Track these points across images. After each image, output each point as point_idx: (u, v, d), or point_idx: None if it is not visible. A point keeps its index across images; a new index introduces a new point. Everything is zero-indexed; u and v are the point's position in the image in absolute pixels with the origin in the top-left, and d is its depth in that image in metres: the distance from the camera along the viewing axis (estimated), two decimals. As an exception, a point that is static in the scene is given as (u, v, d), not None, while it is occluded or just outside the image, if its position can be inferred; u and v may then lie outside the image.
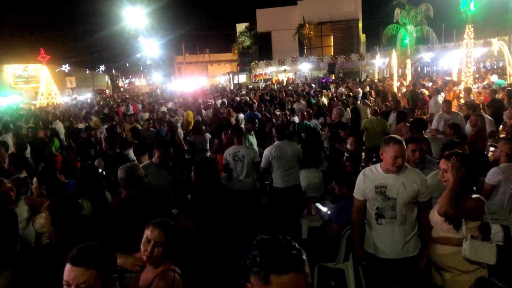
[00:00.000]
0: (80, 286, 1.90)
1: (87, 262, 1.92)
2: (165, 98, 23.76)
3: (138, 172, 3.80)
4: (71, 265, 1.92)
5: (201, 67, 62.37)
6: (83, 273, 1.90)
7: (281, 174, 5.92)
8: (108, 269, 1.98)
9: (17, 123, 12.96)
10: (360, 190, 3.57)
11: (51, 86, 34.90)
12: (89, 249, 1.98)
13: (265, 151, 5.96)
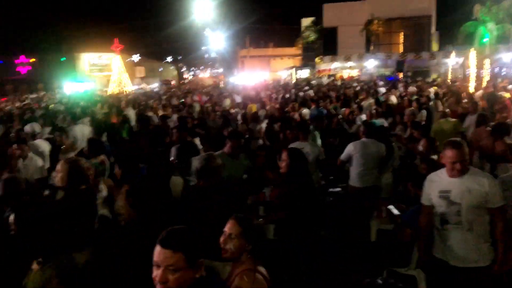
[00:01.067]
0: (168, 268, 1.92)
1: (175, 245, 1.93)
2: (228, 91, 24.13)
3: (215, 163, 3.84)
4: (160, 247, 1.95)
5: (264, 61, 62.57)
6: (171, 256, 1.92)
7: (360, 172, 5.76)
8: (195, 253, 1.98)
9: (92, 108, 13.77)
10: (426, 195, 3.49)
11: (122, 75, 36.86)
12: (177, 232, 1.99)
13: (349, 145, 5.81)
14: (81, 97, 23.27)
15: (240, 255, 2.55)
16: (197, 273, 1.97)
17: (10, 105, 21.67)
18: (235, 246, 2.54)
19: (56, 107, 15.15)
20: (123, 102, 16.73)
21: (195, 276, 1.97)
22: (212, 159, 3.86)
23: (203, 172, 3.74)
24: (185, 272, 1.93)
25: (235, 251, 2.55)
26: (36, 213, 2.54)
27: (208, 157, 3.85)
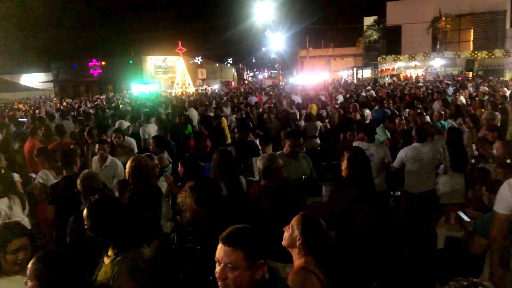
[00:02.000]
0: (227, 265, 1.94)
1: (235, 243, 1.94)
2: (287, 92, 24.08)
3: (276, 164, 3.84)
4: (221, 244, 1.98)
5: (324, 61, 61.89)
6: (231, 253, 1.93)
7: (415, 178, 5.55)
8: (254, 252, 1.97)
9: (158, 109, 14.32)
10: (504, 203, 3.11)
11: (186, 77, 38.06)
12: (239, 231, 2.00)
13: (400, 152, 5.63)
14: (147, 98, 24.31)
15: (292, 245, 2.56)
16: (257, 274, 1.95)
17: (83, 105, 23.18)
18: (290, 235, 2.59)
19: (125, 108, 15.96)
20: (186, 102, 17.27)
21: (255, 277, 1.96)
22: (275, 160, 3.86)
23: (266, 172, 3.74)
24: (244, 271, 1.93)
25: (288, 239, 2.59)
26: (108, 207, 2.66)
27: (271, 158, 3.84)
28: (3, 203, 3.98)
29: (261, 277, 1.98)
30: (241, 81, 78.95)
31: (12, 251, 2.51)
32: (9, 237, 2.53)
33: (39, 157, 5.46)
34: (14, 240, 2.52)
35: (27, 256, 2.55)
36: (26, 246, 2.57)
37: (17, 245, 2.52)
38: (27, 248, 2.57)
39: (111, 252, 2.57)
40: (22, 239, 2.56)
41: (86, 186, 3.55)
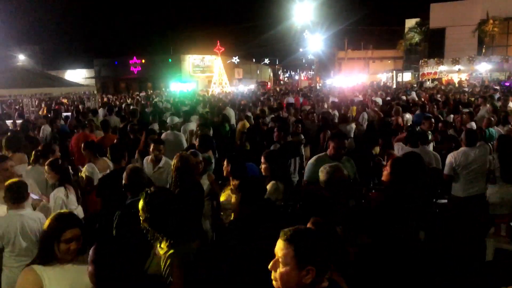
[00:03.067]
0: (278, 258, 1.95)
1: (290, 239, 1.93)
2: (325, 93, 23.83)
3: (341, 174, 3.75)
4: (280, 237, 1.97)
5: (362, 63, 60.81)
6: (284, 248, 1.93)
7: (463, 182, 5.38)
8: (306, 256, 1.92)
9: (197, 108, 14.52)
10: None
11: (223, 76, 38.43)
12: (299, 230, 1.98)
13: (449, 157, 5.42)
14: (185, 96, 24.68)
15: None
16: (305, 279, 1.91)
17: (124, 102, 23.84)
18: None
19: (165, 105, 16.27)
20: (223, 102, 17.42)
21: (303, 281, 1.91)
22: (338, 171, 3.75)
23: (329, 184, 3.66)
24: (292, 270, 1.91)
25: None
26: (164, 200, 2.70)
27: (334, 169, 3.73)
28: (60, 192, 4.13)
29: (310, 283, 1.92)
30: (277, 81, 78.89)
31: (65, 241, 2.58)
32: (63, 227, 2.60)
33: (86, 150, 5.63)
34: (67, 230, 2.59)
35: (78, 246, 2.62)
36: (78, 236, 2.64)
37: (70, 235, 2.59)
38: (79, 239, 2.64)
39: (164, 244, 2.61)
40: (75, 230, 2.63)
41: (132, 180, 3.61)
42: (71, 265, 2.61)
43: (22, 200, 3.67)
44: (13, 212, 3.61)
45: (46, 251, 2.59)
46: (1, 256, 3.55)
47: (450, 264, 4.97)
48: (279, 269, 1.94)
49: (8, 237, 3.50)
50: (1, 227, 3.50)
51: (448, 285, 4.53)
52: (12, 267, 3.52)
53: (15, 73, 18.40)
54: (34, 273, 2.51)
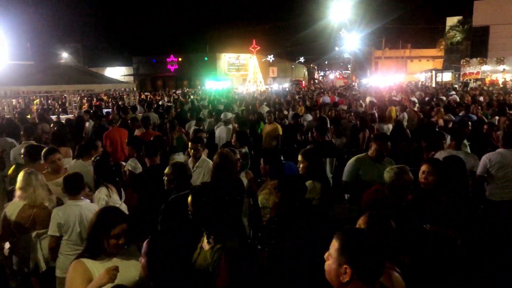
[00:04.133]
0: (328, 253, 1.97)
1: (339, 232, 1.96)
2: (361, 93, 23.45)
3: (407, 177, 3.71)
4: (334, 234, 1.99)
5: (400, 62, 59.37)
6: (333, 240, 1.96)
7: (499, 185, 5.16)
8: (350, 253, 1.90)
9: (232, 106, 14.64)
10: None
11: (257, 75, 38.49)
12: (351, 228, 1.99)
13: (484, 157, 5.23)
14: (220, 94, 24.92)
15: None
16: (342, 277, 1.89)
17: (161, 99, 24.37)
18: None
19: (202, 103, 16.51)
20: (258, 100, 17.46)
21: (340, 278, 1.90)
22: (406, 173, 3.66)
23: (394, 186, 3.60)
24: (333, 263, 1.92)
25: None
26: (212, 195, 2.76)
27: (400, 171, 3.65)
28: (102, 192, 4.24)
29: (346, 283, 1.89)
30: (311, 80, 78.25)
31: (114, 236, 2.66)
32: (113, 223, 2.67)
33: (130, 145, 5.80)
34: (117, 226, 2.67)
35: (125, 240, 2.70)
36: (125, 231, 2.71)
37: (119, 231, 2.67)
38: (126, 234, 2.71)
39: (211, 239, 2.67)
40: (123, 225, 2.70)
41: (176, 175, 3.70)
42: (118, 258, 2.70)
43: (79, 191, 3.86)
44: (72, 202, 3.79)
45: (95, 245, 2.67)
46: (59, 243, 3.72)
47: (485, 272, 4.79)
48: (327, 261, 1.97)
49: (67, 226, 3.68)
50: (62, 217, 3.68)
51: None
52: (68, 254, 3.69)
53: (60, 70, 19.18)
54: (84, 265, 2.60)
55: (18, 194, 3.98)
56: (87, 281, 2.53)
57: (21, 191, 3.95)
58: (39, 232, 3.96)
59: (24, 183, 3.93)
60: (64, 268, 3.70)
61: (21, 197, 3.95)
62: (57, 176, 4.71)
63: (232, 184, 4.12)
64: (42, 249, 3.93)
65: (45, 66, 21.50)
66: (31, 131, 6.57)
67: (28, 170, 4.03)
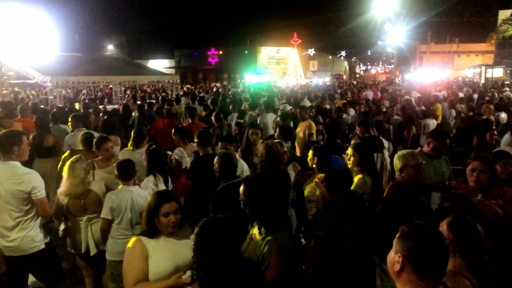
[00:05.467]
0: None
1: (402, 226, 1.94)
2: (405, 88, 22.76)
3: (414, 159, 3.64)
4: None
5: (446, 57, 57.14)
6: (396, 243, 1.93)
7: None
8: (401, 241, 1.88)
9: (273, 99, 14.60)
10: None
11: (298, 68, 38.26)
12: (416, 224, 1.93)
13: None
14: (261, 88, 24.92)
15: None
16: (395, 265, 1.89)
17: (203, 91, 24.71)
18: None
19: (244, 95, 16.60)
20: (299, 94, 17.33)
21: (393, 267, 1.89)
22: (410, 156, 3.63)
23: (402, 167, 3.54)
24: (392, 251, 1.93)
25: None
26: (264, 185, 2.76)
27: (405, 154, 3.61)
28: (150, 181, 4.34)
29: (397, 272, 1.88)
30: (352, 74, 76.82)
31: (164, 215, 2.75)
32: (161, 202, 2.77)
33: (176, 135, 5.90)
34: (164, 204, 2.76)
35: (177, 219, 2.77)
36: (176, 210, 2.78)
37: (167, 209, 2.75)
38: (177, 212, 2.78)
39: (262, 230, 2.67)
40: (171, 203, 2.78)
41: (225, 165, 3.73)
42: (173, 238, 2.80)
43: (131, 178, 3.97)
44: (125, 188, 3.92)
45: (150, 226, 2.79)
46: (110, 227, 3.86)
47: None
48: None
49: (119, 210, 3.80)
50: (115, 200, 3.80)
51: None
52: (117, 238, 3.82)
53: (107, 62, 19.84)
54: (141, 243, 2.73)
55: (62, 184, 4.14)
56: (144, 257, 2.68)
57: (67, 179, 4.09)
58: (90, 216, 4.11)
59: (70, 172, 4.07)
60: (113, 252, 3.85)
61: (68, 186, 4.09)
62: (108, 164, 4.86)
63: (280, 176, 4.10)
64: (93, 233, 4.08)
65: (92, 58, 22.33)
66: (80, 120, 6.83)
67: (73, 160, 4.14)
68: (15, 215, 3.68)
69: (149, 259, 2.69)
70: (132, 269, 2.66)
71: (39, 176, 3.77)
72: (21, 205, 3.68)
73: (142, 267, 2.66)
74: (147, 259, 2.68)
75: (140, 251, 2.69)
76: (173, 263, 2.71)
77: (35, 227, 3.80)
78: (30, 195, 3.65)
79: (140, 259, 2.67)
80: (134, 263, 2.67)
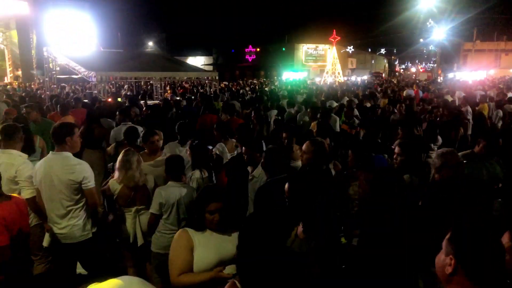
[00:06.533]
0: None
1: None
2: (449, 87, 21.99)
3: (454, 158, 3.53)
4: None
5: (493, 56, 54.72)
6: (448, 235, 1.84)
7: None
8: (453, 241, 1.77)
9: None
10: None
11: (336, 66, 37.76)
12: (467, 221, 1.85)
13: None
14: (297, 85, 24.81)
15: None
16: (447, 268, 1.78)
17: (240, 88, 24.89)
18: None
19: (282, 92, 16.59)
20: (339, 91, 17.11)
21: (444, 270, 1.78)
22: (448, 155, 3.51)
23: (441, 166, 3.42)
24: (442, 253, 1.83)
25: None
26: (309, 181, 2.75)
27: (445, 153, 3.51)
28: (196, 175, 4.42)
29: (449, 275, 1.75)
30: (391, 72, 74.97)
31: (209, 212, 2.78)
32: (208, 200, 2.80)
33: (217, 131, 5.96)
34: (211, 202, 2.78)
35: (221, 218, 2.79)
36: (220, 210, 2.80)
37: (213, 208, 2.78)
38: (221, 212, 2.80)
39: (308, 228, 2.66)
40: (218, 203, 2.79)
41: (270, 160, 3.73)
42: (219, 233, 2.83)
43: (180, 174, 4.06)
44: (173, 184, 3.99)
45: (197, 219, 2.84)
46: (158, 221, 3.96)
47: None
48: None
49: (168, 206, 3.88)
50: (164, 196, 3.88)
51: None
52: (164, 233, 3.91)
53: (148, 58, 20.31)
54: (188, 234, 2.79)
55: (116, 175, 4.25)
56: (189, 248, 2.74)
57: (119, 172, 4.20)
58: (139, 208, 4.22)
59: (122, 164, 4.17)
60: (158, 245, 3.93)
61: (118, 178, 4.20)
62: (153, 158, 4.97)
63: (324, 174, 4.05)
64: (141, 224, 4.18)
65: (134, 54, 22.91)
66: (127, 114, 7.03)
67: (127, 152, 4.25)
68: (66, 203, 3.84)
69: (194, 251, 2.73)
70: (177, 259, 2.73)
71: (89, 167, 3.91)
72: (72, 195, 3.83)
73: (187, 258, 2.71)
74: (192, 251, 2.73)
75: (186, 242, 2.75)
76: (217, 256, 2.74)
77: (84, 216, 3.95)
78: (81, 185, 3.80)
79: (185, 249, 2.73)
80: (179, 254, 2.73)
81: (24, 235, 3.51)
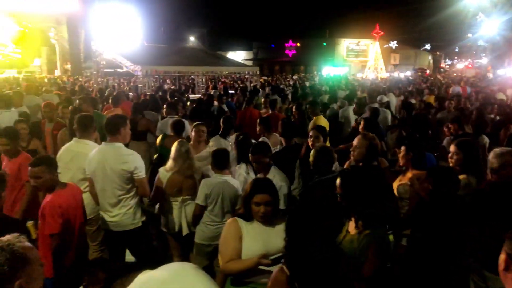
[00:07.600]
0: None
1: None
2: (499, 84, 20.94)
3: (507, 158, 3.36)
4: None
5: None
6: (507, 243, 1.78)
7: None
8: None
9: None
10: None
11: (379, 61, 36.90)
12: None
13: None
14: (339, 81, 24.41)
15: None
16: (500, 264, 1.77)
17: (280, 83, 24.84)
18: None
19: (324, 88, 16.40)
20: (382, 88, 16.69)
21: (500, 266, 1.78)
22: (503, 154, 3.34)
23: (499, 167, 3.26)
24: (503, 252, 1.78)
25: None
26: (362, 179, 2.70)
27: (501, 152, 3.33)
28: (242, 169, 4.47)
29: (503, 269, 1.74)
30: (436, 69, 72.28)
31: (255, 204, 2.81)
32: (254, 191, 2.84)
33: (261, 125, 5.98)
34: (257, 194, 2.81)
35: (267, 211, 2.81)
36: (268, 202, 2.80)
37: (259, 200, 2.80)
38: (268, 204, 2.80)
39: (360, 223, 2.62)
40: (264, 195, 2.81)
41: (320, 159, 3.70)
42: (267, 226, 2.86)
43: (226, 167, 4.11)
44: (219, 176, 4.06)
45: (246, 210, 2.90)
46: (203, 212, 4.04)
47: None
48: None
49: (213, 198, 3.96)
50: (210, 188, 3.96)
51: None
52: (208, 224, 4.00)
53: (190, 52, 20.64)
54: (237, 224, 2.86)
55: (169, 164, 4.34)
56: (238, 237, 2.81)
57: (173, 161, 4.29)
58: (185, 198, 4.30)
59: (177, 154, 4.27)
60: (202, 236, 4.01)
61: (171, 167, 4.29)
62: (198, 150, 5.06)
63: (375, 170, 3.98)
64: (187, 214, 4.27)
65: (177, 49, 23.32)
66: (174, 107, 7.20)
67: (181, 142, 4.35)
68: (118, 192, 3.98)
69: (243, 240, 2.80)
70: (227, 247, 2.81)
71: (140, 158, 4.03)
72: (124, 184, 3.96)
73: (236, 246, 2.78)
74: (241, 239, 2.80)
75: (235, 230, 2.83)
76: (264, 247, 2.76)
77: (134, 205, 4.09)
78: (133, 174, 3.92)
79: (234, 238, 2.80)
80: (229, 242, 2.82)
81: (79, 222, 3.67)
